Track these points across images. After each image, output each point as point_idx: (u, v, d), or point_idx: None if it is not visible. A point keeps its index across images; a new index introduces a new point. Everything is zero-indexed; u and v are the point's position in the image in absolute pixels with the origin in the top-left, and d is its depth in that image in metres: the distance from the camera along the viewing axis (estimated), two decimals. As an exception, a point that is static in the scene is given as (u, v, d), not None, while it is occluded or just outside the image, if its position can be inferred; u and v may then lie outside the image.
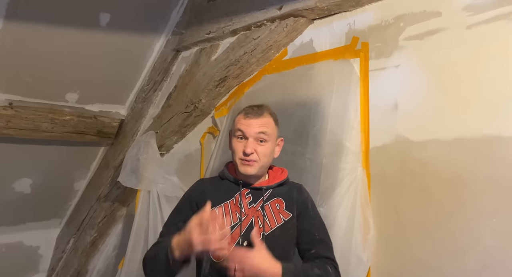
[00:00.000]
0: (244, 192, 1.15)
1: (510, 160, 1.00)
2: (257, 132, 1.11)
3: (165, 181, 1.97)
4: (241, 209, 1.11)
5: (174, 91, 1.99)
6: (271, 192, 1.16)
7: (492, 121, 1.03)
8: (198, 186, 1.22)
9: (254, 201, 1.13)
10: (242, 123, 1.14)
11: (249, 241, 1.04)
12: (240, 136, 1.13)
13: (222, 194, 1.15)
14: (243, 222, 1.09)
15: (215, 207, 1.11)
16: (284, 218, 1.12)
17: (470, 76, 1.08)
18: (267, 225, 1.10)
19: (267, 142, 1.13)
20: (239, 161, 1.12)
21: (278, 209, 1.13)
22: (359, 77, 1.37)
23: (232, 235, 1.07)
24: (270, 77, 1.68)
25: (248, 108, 1.18)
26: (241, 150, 1.11)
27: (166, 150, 2.09)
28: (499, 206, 1.00)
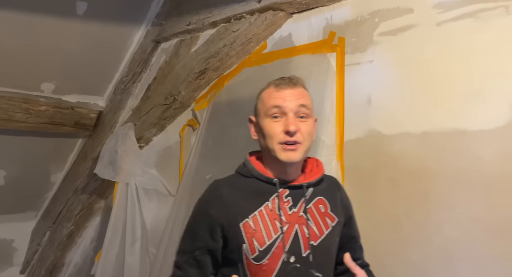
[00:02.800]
0: (282, 194, 0.90)
1: (474, 153, 1.04)
2: (298, 105, 0.89)
3: (143, 173, 1.96)
4: (280, 216, 0.88)
5: (154, 82, 1.98)
6: (312, 191, 0.93)
7: (458, 116, 1.07)
8: (216, 195, 0.92)
9: (294, 204, 0.90)
10: (276, 96, 0.90)
11: (296, 257, 0.86)
12: (275, 115, 0.89)
13: (252, 199, 0.89)
14: (285, 234, 0.86)
15: (247, 218, 0.87)
16: (331, 223, 0.92)
17: (439, 72, 1.12)
18: (314, 234, 0.89)
19: (308, 118, 0.91)
20: (278, 147, 0.88)
21: (323, 211, 0.92)
22: (335, 71, 1.39)
23: (274, 252, 0.85)
24: (250, 70, 1.69)
25: (277, 80, 0.95)
26: (281, 131, 0.88)
27: (145, 142, 2.08)
28: (462, 197, 1.05)
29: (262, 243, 0.85)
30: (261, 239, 0.86)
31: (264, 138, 0.91)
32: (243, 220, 0.87)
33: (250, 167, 0.95)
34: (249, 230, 0.86)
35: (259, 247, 0.85)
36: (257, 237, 0.86)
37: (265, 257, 0.85)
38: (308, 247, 0.87)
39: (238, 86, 1.71)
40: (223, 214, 0.89)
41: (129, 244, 1.86)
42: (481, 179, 1.02)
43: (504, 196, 0.98)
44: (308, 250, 0.87)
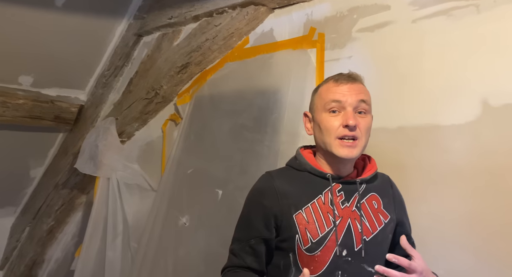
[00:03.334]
0: (335, 188, 0.91)
1: (446, 147, 1.07)
2: (358, 100, 0.88)
3: (125, 168, 1.94)
4: (333, 210, 0.88)
5: (135, 76, 1.96)
6: (365, 187, 0.93)
7: (432, 111, 1.10)
8: (269, 186, 0.93)
9: (347, 199, 0.90)
10: (335, 91, 0.89)
11: (349, 250, 0.86)
12: (333, 109, 0.88)
13: (305, 191, 0.91)
14: (338, 227, 0.87)
15: (301, 210, 0.88)
16: (384, 220, 0.92)
17: (414, 68, 1.15)
18: (367, 229, 0.89)
19: (367, 115, 0.91)
20: (336, 142, 0.87)
21: (376, 208, 0.92)
22: (316, 67, 1.41)
23: (327, 244, 0.86)
24: (232, 65, 1.69)
25: (336, 75, 0.94)
26: (339, 125, 0.87)
27: (127, 137, 2.06)
28: (434, 189, 1.08)
29: (315, 235, 0.87)
30: (314, 231, 0.87)
31: (321, 132, 0.91)
32: (297, 211, 0.88)
33: (303, 161, 0.95)
34: (302, 222, 0.88)
35: (312, 239, 0.86)
36: (310, 228, 0.87)
37: (318, 249, 0.86)
38: (361, 242, 0.87)
39: (221, 81, 1.71)
40: (276, 204, 0.90)
41: (110, 239, 1.84)
42: (453, 172, 1.05)
43: (473, 188, 1.02)
44: (360, 245, 0.87)
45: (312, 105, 0.98)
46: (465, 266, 1.03)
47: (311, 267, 0.85)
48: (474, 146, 1.02)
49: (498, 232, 0.97)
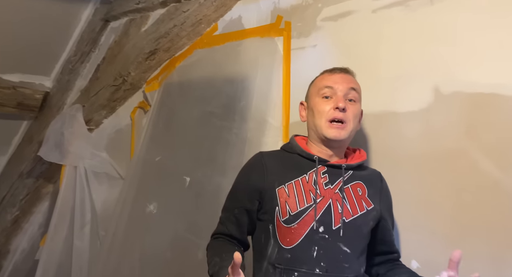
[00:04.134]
0: (320, 170, 0.96)
1: (401, 133, 1.12)
2: (348, 88, 0.97)
3: (93, 157, 1.91)
4: (316, 189, 0.94)
5: (103, 63, 1.91)
6: (351, 173, 0.98)
7: (389, 98, 1.14)
8: (257, 161, 1.02)
9: (331, 182, 0.95)
10: (329, 78, 1.00)
11: (326, 228, 0.91)
12: (325, 95, 0.97)
13: (291, 170, 0.97)
14: (318, 205, 0.92)
15: (284, 185, 0.94)
16: (367, 207, 0.95)
17: (373, 57, 1.18)
18: (348, 211, 0.93)
19: (357, 103, 0.99)
20: (327, 124, 0.95)
21: (360, 194, 0.96)
22: (282, 55, 1.42)
23: (304, 218, 0.91)
24: (201, 52, 1.68)
25: (331, 68, 1.05)
26: (330, 108, 0.95)
27: (95, 125, 2.02)
28: (391, 174, 1.12)
29: (294, 208, 0.92)
30: (293, 204, 0.93)
31: (313, 116, 0.99)
32: (280, 186, 0.95)
33: (294, 144, 1.03)
34: (283, 195, 0.94)
35: (290, 211, 0.92)
36: (290, 202, 0.93)
37: (295, 222, 0.91)
38: (339, 222, 0.92)
39: (190, 68, 1.70)
40: (262, 178, 0.98)
41: (78, 228, 1.82)
42: (407, 156, 1.10)
43: (426, 172, 1.07)
44: (338, 224, 0.91)
45: (307, 95, 1.07)
46: (419, 247, 1.08)
47: (287, 239, 0.91)
48: (427, 132, 1.07)
49: (448, 213, 1.03)
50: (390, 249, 1.01)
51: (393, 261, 1.01)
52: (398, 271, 0.96)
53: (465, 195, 1.00)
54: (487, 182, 0.96)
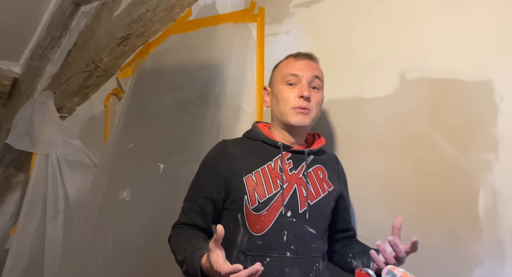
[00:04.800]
0: (284, 156, 0.99)
1: (368, 118, 1.15)
2: (313, 76, 0.98)
3: (66, 144, 1.88)
4: (282, 175, 0.96)
5: (74, 48, 1.86)
6: (312, 158, 1.01)
7: (357, 84, 1.17)
8: (222, 150, 1.01)
9: (295, 167, 0.98)
10: (294, 65, 0.99)
11: (293, 212, 0.94)
12: (290, 82, 0.98)
13: (256, 157, 0.98)
14: (285, 190, 0.95)
15: (251, 173, 0.95)
16: (328, 189, 1.00)
17: (343, 43, 1.20)
18: (312, 194, 0.97)
19: (320, 91, 1.01)
20: (292, 111, 0.96)
21: (321, 177, 1.01)
22: (256, 41, 1.42)
23: (273, 204, 0.93)
24: (175, 38, 1.66)
25: (296, 53, 1.04)
26: (295, 96, 0.96)
27: (67, 112, 1.97)
28: (358, 157, 1.16)
29: (263, 195, 0.93)
30: (262, 192, 0.94)
31: (278, 103, 0.99)
32: (247, 174, 0.95)
33: (258, 131, 1.03)
34: (251, 184, 0.94)
35: (259, 199, 0.93)
36: (258, 190, 0.94)
37: (264, 209, 0.93)
38: (305, 205, 0.95)
39: (164, 54, 1.68)
40: (228, 168, 0.97)
41: (51, 217, 1.79)
42: (374, 140, 1.13)
43: (390, 155, 1.11)
44: (304, 208, 0.95)
45: (271, 80, 1.06)
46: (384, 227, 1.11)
47: (257, 226, 0.93)
48: (392, 117, 1.10)
49: (411, 194, 1.07)
50: (347, 226, 1.07)
51: (349, 238, 1.07)
52: (352, 246, 1.02)
53: (427, 177, 1.04)
54: (447, 163, 1.01)
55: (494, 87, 0.94)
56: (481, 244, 0.95)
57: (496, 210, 0.93)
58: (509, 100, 0.93)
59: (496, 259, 0.93)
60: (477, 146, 0.96)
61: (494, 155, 0.94)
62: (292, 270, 0.91)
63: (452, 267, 0.98)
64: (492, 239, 0.93)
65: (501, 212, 0.93)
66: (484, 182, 0.95)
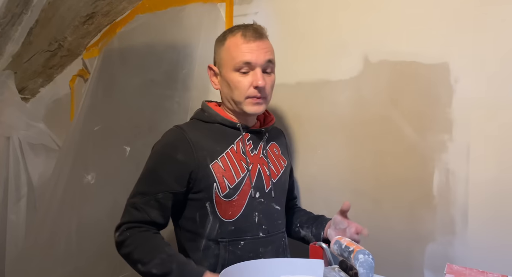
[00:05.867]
0: (245, 137, 0.97)
1: (333, 100, 1.16)
2: (266, 61, 0.92)
3: (28, 127, 1.80)
4: (246, 157, 0.95)
5: (36, 26, 1.76)
6: (267, 136, 1.02)
7: (323, 67, 1.18)
8: (180, 138, 0.92)
9: (254, 147, 0.98)
10: (245, 50, 0.91)
11: (261, 192, 0.95)
12: (243, 71, 0.92)
13: (218, 142, 0.94)
14: (251, 172, 0.94)
15: (217, 160, 0.91)
16: (284, 164, 1.04)
17: (311, 27, 1.20)
18: (273, 172, 0.99)
19: (273, 74, 0.97)
20: (247, 101, 0.92)
21: (277, 154, 1.03)
22: (225, 22, 1.40)
23: (243, 188, 0.92)
24: (143, 17, 1.61)
25: (244, 28, 0.94)
26: (249, 85, 0.91)
27: (30, 94, 1.89)
28: (323, 139, 1.18)
29: (232, 181, 0.91)
30: (231, 178, 0.91)
31: (230, 90, 0.94)
32: (213, 161, 0.91)
33: (213, 112, 0.97)
34: (219, 170, 0.91)
35: (229, 185, 0.91)
36: (227, 175, 0.91)
37: (235, 194, 0.91)
38: (270, 184, 0.97)
39: (131, 34, 1.63)
40: (191, 157, 0.90)
41: (13, 202, 1.73)
42: (338, 123, 1.15)
43: (352, 136, 1.13)
44: (270, 186, 0.97)
45: (218, 59, 0.97)
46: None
47: (229, 212, 0.91)
48: (355, 99, 1.12)
49: (372, 175, 1.09)
50: (292, 195, 1.13)
51: (294, 206, 1.14)
52: (298, 215, 1.09)
53: (386, 157, 1.07)
54: (405, 144, 1.03)
55: (450, 69, 0.97)
56: (434, 221, 0.99)
57: (449, 188, 0.97)
58: (463, 82, 0.96)
59: (447, 235, 0.97)
60: (433, 127, 0.99)
61: (449, 136, 0.97)
62: (265, 249, 0.93)
63: (407, 242, 1.02)
64: (444, 216, 0.97)
65: (453, 191, 0.96)
66: (439, 161, 0.99)
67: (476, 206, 0.93)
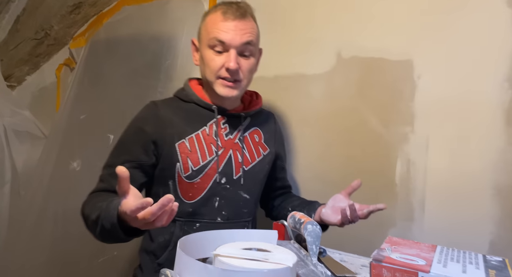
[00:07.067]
0: (220, 120, 0.93)
1: (308, 93, 1.22)
2: (243, 43, 0.86)
3: (14, 114, 1.82)
4: (217, 141, 0.90)
5: (23, 14, 1.79)
6: (249, 121, 0.97)
7: (300, 61, 1.23)
8: (152, 113, 0.91)
9: (230, 132, 0.93)
10: (221, 28, 0.86)
11: (227, 178, 0.91)
12: (217, 50, 0.87)
13: (190, 122, 0.90)
14: (220, 157, 0.90)
15: (184, 139, 0.88)
16: (263, 152, 0.98)
17: (289, 21, 1.25)
18: (247, 160, 0.94)
19: (251, 58, 0.90)
20: (217, 81, 0.88)
21: (257, 141, 0.98)
22: (208, 15, 1.45)
23: (207, 172, 0.89)
24: (129, 9, 1.65)
25: (226, 6, 0.88)
26: (221, 65, 0.86)
27: (17, 82, 1.91)
28: (299, 130, 1.23)
29: (197, 163, 0.88)
30: (196, 160, 0.88)
31: (204, 67, 0.90)
32: (180, 140, 0.88)
33: (190, 92, 0.94)
34: (184, 150, 0.88)
35: (193, 167, 0.88)
36: (192, 157, 0.88)
37: (197, 177, 0.88)
38: (240, 171, 0.92)
39: (117, 25, 1.66)
40: (158, 131, 0.88)
41: (-3, 188, 1.75)
42: (312, 114, 1.21)
43: (325, 128, 1.19)
44: (239, 174, 0.92)
45: (199, 34, 0.94)
46: (318, 197, 1.21)
47: (190, 194, 0.89)
48: (328, 92, 1.18)
49: (341, 165, 1.16)
50: (284, 184, 1.10)
51: (288, 193, 1.11)
52: (290, 200, 1.05)
53: (355, 147, 1.13)
54: (372, 135, 1.10)
55: (414, 66, 1.04)
56: (395, 208, 1.06)
57: (409, 177, 1.04)
58: (424, 78, 1.02)
59: (406, 221, 1.04)
60: (397, 119, 1.06)
61: (411, 128, 1.04)
62: None
63: (370, 228, 1.09)
64: (404, 203, 1.04)
65: (413, 179, 1.04)
66: (401, 152, 1.05)
67: (432, 193, 1.00)
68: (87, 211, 0.81)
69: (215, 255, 0.49)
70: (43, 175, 1.62)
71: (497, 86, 0.93)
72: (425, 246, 0.59)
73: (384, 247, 0.58)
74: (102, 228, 0.72)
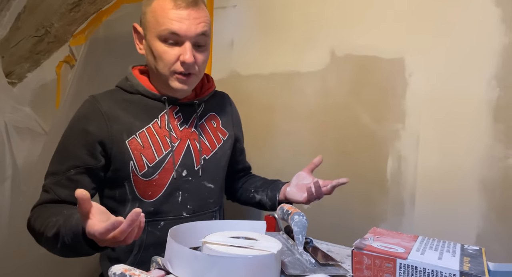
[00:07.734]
0: (172, 111, 0.86)
1: (302, 91, 1.24)
2: (198, 34, 0.79)
3: (14, 111, 1.85)
4: (170, 132, 0.84)
5: (24, 11, 1.81)
6: (203, 107, 0.92)
7: (295, 59, 1.25)
8: (93, 109, 0.81)
9: (185, 121, 0.87)
10: (173, 18, 0.77)
11: (188, 170, 0.86)
12: (170, 41, 0.79)
13: (138, 116, 0.83)
14: (176, 149, 0.84)
15: (135, 135, 0.81)
16: (223, 137, 0.94)
17: (285, 21, 1.27)
18: (207, 148, 0.90)
19: (206, 49, 0.84)
20: (172, 76, 0.81)
21: (215, 127, 0.93)
22: (206, 14, 1.47)
23: (165, 167, 0.83)
24: (128, 7, 1.67)
25: None
26: (175, 59, 0.79)
27: (17, 78, 1.93)
28: (293, 126, 1.26)
29: (152, 159, 0.82)
30: (151, 155, 0.82)
31: (154, 59, 0.82)
32: (130, 137, 0.81)
33: (135, 82, 0.86)
34: (137, 147, 0.81)
35: (148, 163, 0.82)
36: (146, 153, 0.82)
37: (155, 173, 0.82)
38: (200, 161, 0.88)
39: (116, 23, 1.68)
40: (104, 130, 0.80)
41: (-3, 183, 1.78)
42: (306, 111, 1.23)
43: (319, 123, 1.21)
44: (200, 163, 0.87)
45: (144, 20, 0.84)
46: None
47: (149, 192, 0.83)
48: (322, 90, 1.20)
49: (334, 160, 1.18)
50: (244, 165, 1.10)
51: (248, 174, 1.12)
52: (252, 181, 1.05)
53: (347, 144, 1.15)
54: (364, 132, 1.12)
55: (405, 64, 1.06)
56: (387, 203, 1.08)
57: (400, 173, 1.07)
58: (416, 76, 1.04)
59: (397, 215, 1.06)
60: (389, 116, 1.08)
61: (402, 125, 1.06)
62: None
63: (362, 223, 1.11)
64: (395, 198, 1.07)
65: (404, 175, 1.06)
66: (392, 149, 1.08)
67: (422, 188, 1.03)
68: (38, 227, 0.74)
69: (203, 242, 0.52)
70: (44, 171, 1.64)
71: (484, 84, 0.95)
72: (407, 237, 0.61)
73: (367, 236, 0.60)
74: (64, 245, 0.67)
